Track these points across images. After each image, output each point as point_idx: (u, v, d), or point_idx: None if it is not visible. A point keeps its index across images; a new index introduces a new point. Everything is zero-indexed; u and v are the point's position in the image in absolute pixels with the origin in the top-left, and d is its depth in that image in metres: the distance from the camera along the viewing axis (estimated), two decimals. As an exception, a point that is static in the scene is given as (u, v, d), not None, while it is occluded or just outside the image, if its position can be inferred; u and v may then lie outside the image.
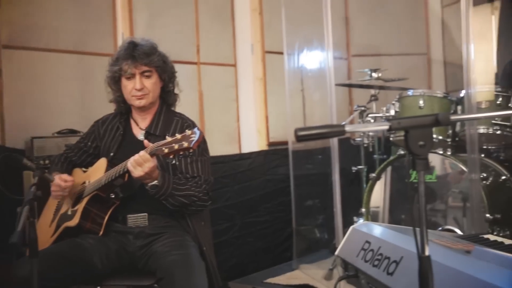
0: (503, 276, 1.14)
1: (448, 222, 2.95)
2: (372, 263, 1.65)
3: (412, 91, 3.22)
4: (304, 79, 4.61)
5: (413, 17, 5.36)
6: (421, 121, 1.20)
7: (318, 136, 1.17)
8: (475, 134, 2.50)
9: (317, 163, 4.18)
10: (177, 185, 2.17)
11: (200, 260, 2.18)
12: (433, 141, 1.13)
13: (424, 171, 1.22)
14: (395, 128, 1.20)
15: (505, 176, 3.03)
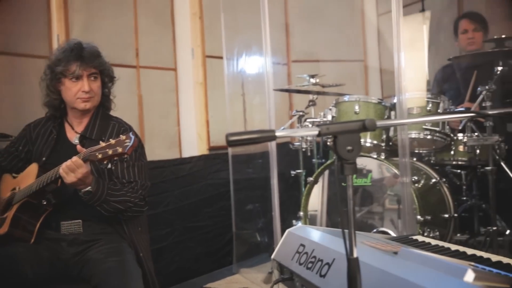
0: (427, 275, 1.19)
1: (385, 224, 3.03)
2: (306, 266, 1.67)
3: (348, 96, 3.30)
4: (244, 84, 4.64)
5: (350, 25, 5.51)
6: (349, 127, 1.23)
7: (248, 141, 1.18)
8: (406, 138, 2.59)
9: (257, 167, 4.22)
10: (112, 191, 2.13)
11: (137, 266, 2.15)
12: (361, 146, 1.17)
13: (352, 175, 1.25)
14: (324, 134, 1.23)
15: (435, 179, 3.16)
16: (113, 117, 2.46)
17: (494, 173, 2.91)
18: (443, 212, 3.09)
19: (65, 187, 2.13)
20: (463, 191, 3.47)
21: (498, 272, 1.29)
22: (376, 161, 3.04)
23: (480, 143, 2.94)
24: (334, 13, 5.33)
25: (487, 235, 2.94)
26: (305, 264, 1.69)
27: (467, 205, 3.51)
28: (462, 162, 3.23)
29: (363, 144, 3.22)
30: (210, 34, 4.59)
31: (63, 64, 2.24)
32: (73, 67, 2.23)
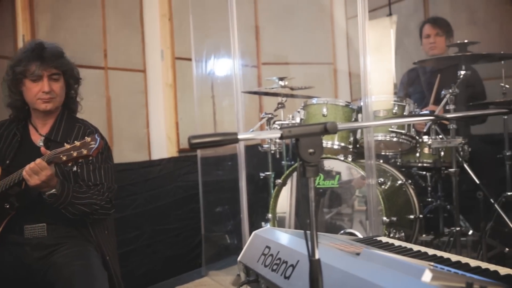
0: (386, 275, 1.21)
1: (354, 225, 3.07)
2: (271, 268, 1.68)
3: (316, 99, 3.33)
4: (214, 86, 4.64)
5: (320, 28, 5.56)
6: (311, 130, 1.25)
7: (211, 144, 1.19)
8: (372, 141, 2.63)
9: (227, 169, 4.21)
10: (77, 193, 2.11)
11: (103, 270, 2.13)
12: (322, 149, 1.19)
13: (313, 177, 1.27)
14: (286, 136, 1.24)
15: (401, 181, 3.21)
16: (79, 119, 2.43)
17: (457, 174, 2.98)
18: (408, 213, 3.14)
19: (29, 190, 2.09)
20: (428, 193, 3.54)
21: (456, 271, 1.33)
22: (343, 163, 3.08)
23: (444, 145, 3.00)
24: (303, 16, 5.38)
25: (450, 235, 3.00)
26: (270, 266, 1.70)
27: (433, 206, 3.59)
28: (427, 164, 3.29)
29: (330, 147, 3.25)
30: (180, 35, 4.58)
31: (23, 64, 2.21)
32: (33, 67, 2.20)
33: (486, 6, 4.42)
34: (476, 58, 3.07)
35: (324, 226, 3.19)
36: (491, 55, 2.99)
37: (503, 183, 3.26)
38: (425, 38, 3.92)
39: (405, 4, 5.10)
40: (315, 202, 3.31)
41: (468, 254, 3.02)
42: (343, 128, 1.29)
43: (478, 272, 1.38)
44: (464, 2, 4.72)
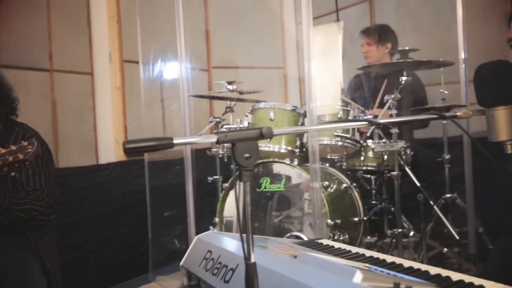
0: (319, 277, 1.24)
1: (304, 228, 3.10)
2: (212, 272, 1.69)
3: (264, 103, 3.35)
4: (163, 89, 4.61)
5: (270, 33, 5.61)
6: (247, 134, 1.26)
7: (145, 149, 1.18)
8: (316, 145, 2.67)
9: (176, 173, 4.18)
10: (14, 199, 2.05)
11: (42, 277, 2.08)
12: (258, 153, 1.20)
13: (249, 182, 1.28)
14: (222, 141, 1.25)
15: (347, 184, 3.28)
16: (19, 123, 2.37)
17: (399, 177, 3.06)
18: (353, 215, 3.21)
19: (-38, 195, 2.02)
20: (373, 195, 3.62)
21: (389, 272, 1.37)
22: (290, 167, 3.11)
23: (386, 149, 3.08)
24: (254, 21, 5.41)
25: (393, 237, 3.08)
26: (211, 270, 1.70)
27: (378, 209, 3.67)
28: (371, 167, 3.37)
29: (278, 151, 3.28)
30: (128, 38, 4.52)
31: None
32: None
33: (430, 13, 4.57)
34: (417, 64, 3.17)
35: (272, 229, 3.21)
36: (430, 62, 3.09)
37: (443, 186, 3.37)
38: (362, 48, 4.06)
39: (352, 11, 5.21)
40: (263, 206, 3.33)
41: (410, 254, 3.10)
42: (278, 133, 1.31)
43: (410, 272, 1.43)
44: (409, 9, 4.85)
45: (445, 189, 3.35)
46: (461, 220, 3.29)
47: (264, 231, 3.27)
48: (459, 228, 3.20)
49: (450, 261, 3.19)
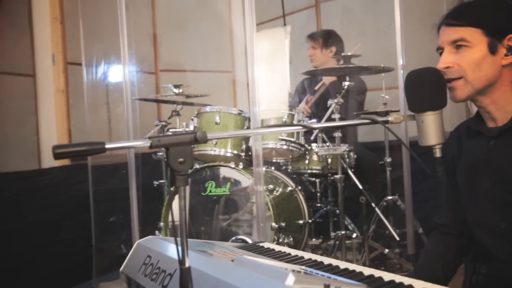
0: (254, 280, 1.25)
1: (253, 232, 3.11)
2: (150, 277, 1.67)
3: (210, 107, 3.35)
4: (109, 93, 4.54)
5: (219, 37, 5.62)
6: (181, 139, 1.26)
7: (76, 154, 1.16)
8: (260, 149, 2.69)
9: (122, 177, 4.11)
10: None
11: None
12: (193, 158, 1.20)
13: (184, 186, 1.28)
14: (156, 146, 1.24)
15: (291, 187, 3.31)
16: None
17: (342, 180, 3.12)
18: (298, 218, 3.24)
19: None
20: (318, 198, 3.68)
21: (323, 274, 1.40)
22: (235, 171, 3.12)
23: (330, 152, 3.13)
24: (203, 24, 5.41)
25: (336, 239, 3.14)
26: (150, 276, 1.68)
27: (323, 211, 3.73)
28: (316, 170, 3.41)
29: (223, 154, 3.29)
30: (72, 40, 4.43)
31: None
32: None
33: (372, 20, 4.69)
34: (358, 70, 3.24)
35: (219, 233, 3.21)
36: (371, 67, 3.18)
37: (385, 188, 3.46)
38: None
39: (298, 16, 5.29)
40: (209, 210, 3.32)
41: (353, 256, 3.17)
42: (213, 138, 1.31)
43: (345, 273, 1.47)
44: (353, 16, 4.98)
45: (387, 192, 3.44)
46: (402, 222, 3.38)
47: (211, 235, 3.26)
48: (401, 229, 3.29)
49: (392, 262, 3.28)
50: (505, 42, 1.45)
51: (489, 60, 1.45)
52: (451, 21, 1.50)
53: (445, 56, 1.51)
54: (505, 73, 1.47)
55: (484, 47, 1.45)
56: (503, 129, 1.48)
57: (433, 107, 1.45)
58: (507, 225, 1.47)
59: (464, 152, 1.65)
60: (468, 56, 1.46)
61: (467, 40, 1.46)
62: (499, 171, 1.48)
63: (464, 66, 1.47)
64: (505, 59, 1.46)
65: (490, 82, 1.47)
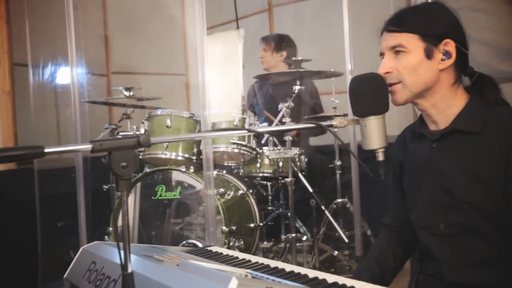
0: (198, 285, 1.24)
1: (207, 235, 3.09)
2: (94, 284, 1.64)
3: (161, 110, 3.32)
4: (58, 95, 4.43)
5: (172, 40, 5.58)
6: (123, 143, 1.24)
7: (14, 158, 1.13)
8: (210, 152, 2.69)
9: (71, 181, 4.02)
10: None
11: None
12: (136, 162, 1.19)
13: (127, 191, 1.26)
14: (97, 150, 1.22)
15: (243, 191, 3.32)
16: None
17: (292, 184, 3.15)
18: (249, 222, 3.25)
19: None
20: (269, 201, 3.69)
21: (268, 277, 1.41)
22: (186, 174, 3.10)
23: (281, 156, 3.15)
24: (156, 27, 5.36)
25: (287, 242, 3.16)
26: (94, 282, 1.65)
27: (275, 214, 3.75)
28: (267, 174, 3.43)
29: (175, 158, 3.26)
30: (19, 40, 4.30)
31: None
32: None
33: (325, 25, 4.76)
34: (309, 74, 3.29)
35: (171, 237, 3.19)
36: (321, 72, 3.22)
37: (334, 191, 3.51)
38: None
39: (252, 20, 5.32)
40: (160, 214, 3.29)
41: (304, 258, 3.20)
42: (156, 142, 1.30)
43: (289, 276, 1.48)
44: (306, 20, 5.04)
45: (337, 194, 3.49)
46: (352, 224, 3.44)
47: (162, 240, 3.23)
48: (350, 231, 3.34)
49: (341, 264, 3.33)
50: (441, 47, 1.50)
51: (425, 64, 1.49)
52: (390, 28, 1.54)
53: (385, 61, 1.54)
54: (443, 77, 1.52)
55: (421, 52, 1.49)
56: (444, 132, 1.53)
57: (376, 111, 1.47)
58: (446, 226, 1.52)
59: (408, 155, 1.69)
60: (405, 61, 1.50)
61: (404, 46, 1.50)
62: (439, 173, 1.53)
63: (402, 71, 1.51)
64: (442, 63, 1.50)
65: (428, 86, 1.51)
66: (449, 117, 1.53)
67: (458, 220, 1.48)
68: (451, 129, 1.52)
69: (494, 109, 1.50)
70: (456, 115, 1.52)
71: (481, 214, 1.43)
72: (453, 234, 1.49)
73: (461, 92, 1.55)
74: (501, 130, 1.42)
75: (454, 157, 1.50)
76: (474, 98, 1.54)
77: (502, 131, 1.42)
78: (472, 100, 1.53)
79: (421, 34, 1.49)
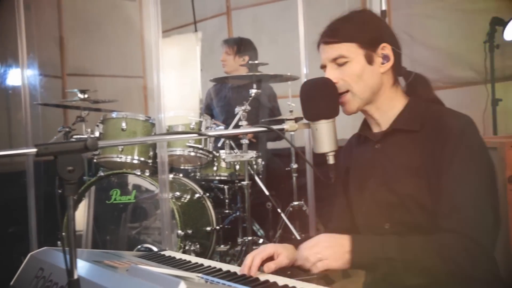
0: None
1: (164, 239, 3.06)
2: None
3: (116, 113, 3.28)
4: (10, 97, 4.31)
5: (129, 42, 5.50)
6: (70, 147, 1.22)
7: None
8: (165, 156, 2.67)
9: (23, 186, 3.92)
10: None
11: None
12: (83, 166, 1.17)
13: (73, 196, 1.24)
14: (42, 154, 1.19)
15: (199, 194, 3.31)
16: None
17: (249, 187, 3.15)
18: (206, 225, 3.24)
19: None
20: (227, 205, 3.69)
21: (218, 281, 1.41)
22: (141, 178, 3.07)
23: (237, 159, 3.16)
24: (113, 29, 5.28)
25: (243, 245, 3.17)
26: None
27: (233, 217, 3.74)
28: (224, 177, 3.43)
29: (130, 161, 3.22)
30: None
31: None
32: None
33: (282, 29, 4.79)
34: (266, 78, 3.31)
35: (127, 242, 3.14)
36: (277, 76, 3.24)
37: (291, 194, 3.54)
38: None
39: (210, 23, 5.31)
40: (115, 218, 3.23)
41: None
42: (104, 145, 1.28)
43: (241, 280, 1.48)
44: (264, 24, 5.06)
45: (293, 197, 3.51)
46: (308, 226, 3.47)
47: (118, 244, 3.18)
48: (306, 234, 3.37)
49: (298, 266, 3.33)
50: (379, 51, 1.54)
51: (368, 70, 1.53)
52: (328, 39, 1.57)
53: (329, 73, 1.56)
54: (385, 79, 1.56)
55: (362, 59, 1.53)
56: (386, 133, 1.57)
57: (326, 115, 1.49)
58: (391, 225, 1.55)
59: (354, 159, 1.72)
60: (349, 70, 1.53)
61: (346, 56, 1.53)
62: (383, 173, 1.56)
63: (348, 80, 1.54)
64: (382, 66, 1.54)
65: (374, 90, 1.55)
66: (390, 118, 1.58)
67: (402, 218, 1.51)
68: (392, 129, 1.56)
69: (431, 108, 1.55)
70: (396, 116, 1.56)
71: (423, 211, 1.46)
72: (399, 232, 1.52)
73: (400, 93, 1.60)
74: (437, 128, 1.47)
75: (396, 156, 1.54)
76: (412, 99, 1.59)
77: (438, 129, 1.46)
78: (411, 100, 1.59)
79: (359, 41, 1.52)
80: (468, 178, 1.41)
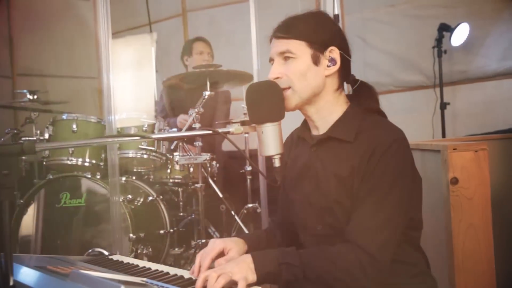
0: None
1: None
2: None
3: (67, 115, 3.22)
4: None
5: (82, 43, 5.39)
6: (5, 150, 1.19)
7: None
8: (115, 158, 2.63)
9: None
10: None
11: None
12: (19, 170, 1.14)
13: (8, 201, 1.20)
14: (-25, 157, 1.16)
15: (152, 197, 3.27)
16: None
17: (203, 189, 3.14)
18: (159, 228, 3.21)
19: None
20: (181, 207, 3.66)
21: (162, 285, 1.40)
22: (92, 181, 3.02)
23: (191, 162, 3.13)
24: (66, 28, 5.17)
25: (196, 247, 3.14)
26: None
27: (188, 220, 3.72)
28: (178, 180, 3.41)
29: (81, 164, 3.16)
30: None
31: None
32: None
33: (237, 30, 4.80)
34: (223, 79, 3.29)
35: (79, 246, 3.08)
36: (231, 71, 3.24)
37: (245, 196, 3.53)
38: (197, 54, 4.11)
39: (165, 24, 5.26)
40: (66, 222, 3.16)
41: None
42: (42, 148, 1.25)
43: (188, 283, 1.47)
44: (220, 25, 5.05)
45: (248, 199, 3.51)
46: (262, 228, 3.48)
47: (69, 248, 3.12)
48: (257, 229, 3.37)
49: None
50: (327, 54, 1.56)
51: (313, 70, 1.55)
52: (279, 34, 1.58)
53: (275, 67, 1.58)
54: (328, 83, 1.58)
55: (308, 58, 1.54)
56: (322, 138, 1.59)
57: (272, 119, 1.50)
58: (322, 227, 1.58)
59: (291, 157, 1.74)
60: (294, 67, 1.55)
61: (293, 52, 1.54)
62: (316, 176, 1.59)
63: (291, 76, 1.55)
64: (328, 69, 1.56)
65: (315, 91, 1.57)
66: (329, 123, 1.60)
67: (331, 221, 1.54)
68: (327, 136, 1.58)
69: (369, 119, 1.57)
70: (334, 122, 1.59)
71: (349, 217, 1.49)
72: (328, 235, 1.55)
73: (342, 100, 1.62)
74: (368, 140, 1.49)
75: (329, 162, 1.57)
76: (353, 107, 1.61)
77: (368, 141, 1.49)
78: (351, 108, 1.60)
79: (308, 40, 1.54)
80: (379, 193, 1.45)
